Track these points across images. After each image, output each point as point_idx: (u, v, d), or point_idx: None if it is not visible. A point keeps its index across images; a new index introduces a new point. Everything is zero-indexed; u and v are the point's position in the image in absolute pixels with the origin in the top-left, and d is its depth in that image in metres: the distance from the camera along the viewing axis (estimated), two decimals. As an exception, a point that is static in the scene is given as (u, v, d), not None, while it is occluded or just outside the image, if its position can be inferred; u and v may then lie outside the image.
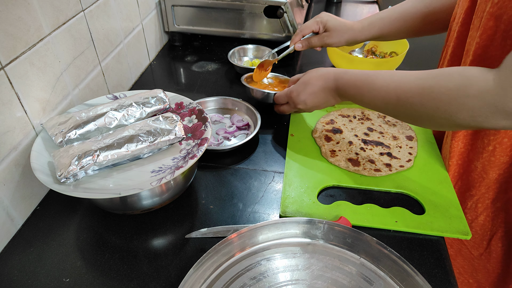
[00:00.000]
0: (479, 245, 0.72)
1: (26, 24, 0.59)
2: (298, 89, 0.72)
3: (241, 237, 0.55)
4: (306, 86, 0.71)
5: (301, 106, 0.73)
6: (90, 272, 0.56)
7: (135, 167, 0.59)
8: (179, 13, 1.11)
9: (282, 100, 0.77)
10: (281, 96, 0.77)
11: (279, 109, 0.81)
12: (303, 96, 0.72)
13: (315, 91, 0.71)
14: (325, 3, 1.53)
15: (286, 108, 0.78)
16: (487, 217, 0.70)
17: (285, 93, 0.76)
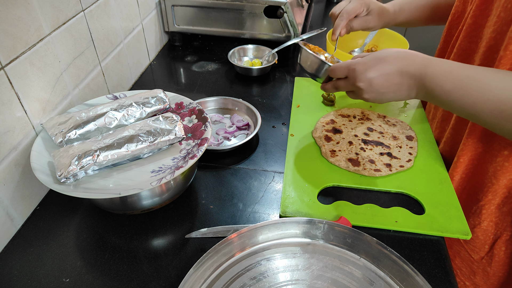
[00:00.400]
0: (480, 249, 0.71)
1: (26, 24, 0.59)
2: (367, 64, 0.57)
3: (241, 237, 0.55)
4: (380, 62, 0.56)
5: (363, 85, 0.58)
6: (90, 272, 0.56)
7: (135, 167, 0.59)
8: (179, 13, 1.11)
9: (339, 73, 0.61)
10: (341, 68, 0.61)
11: (332, 85, 0.65)
12: (372, 73, 0.56)
13: (389, 72, 0.56)
14: (325, 3, 1.52)
15: (341, 84, 0.62)
16: (491, 222, 0.68)
17: (346, 64, 0.60)
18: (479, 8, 0.63)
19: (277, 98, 0.95)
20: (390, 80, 0.56)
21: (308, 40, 1.22)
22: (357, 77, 0.58)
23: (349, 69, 0.59)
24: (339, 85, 0.63)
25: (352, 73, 0.59)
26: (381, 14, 0.81)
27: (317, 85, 0.97)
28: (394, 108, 0.89)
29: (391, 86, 0.57)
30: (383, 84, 0.56)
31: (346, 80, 0.61)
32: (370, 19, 0.81)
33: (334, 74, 0.62)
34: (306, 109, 0.88)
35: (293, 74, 1.05)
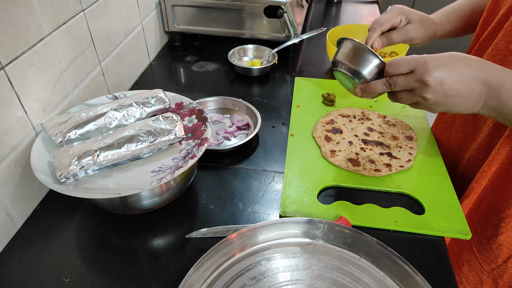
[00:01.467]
0: (492, 261, 0.69)
1: (26, 24, 0.59)
2: (440, 59, 0.50)
3: (241, 237, 0.55)
4: (455, 62, 0.50)
5: (432, 82, 0.50)
6: (90, 272, 0.56)
7: (135, 167, 0.59)
8: (179, 13, 1.11)
9: (404, 67, 0.52)
10: (407, 60, 0.53)
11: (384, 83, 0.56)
12: (445, 72, 0.49)
13: (464, 74, 0.50)
14: (325, 3, 1.53)
15: (401, 80, 0.54)
16: (508, 238, 0.66)
17: (414, 57, 0.53)
18: None
19: (277, 98, 0.95)
20: (463, 83, 0.50)
21: (308, 40, 1.22)
22: (428, 71, 0.50)
23: (418, 61, 0.52)
24: (398, 82, 0.54)
25: (422, 66, 0.51)
26: (424, 23, 0.73)
27: (317, 85, 0.97)
28: (394, 108, 0.89)
29: (462, 91, 0.50)
30: (454, 86, 0.50)
31: (410, 76, 0.52)
32: (411, 29, 0.72)
33: (397, 67, 0.53)
34: (306, 109, 0.88)
35: (293, 74, 1.05)
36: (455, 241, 0.77)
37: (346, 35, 1.09)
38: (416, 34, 0.72)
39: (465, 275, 0.74)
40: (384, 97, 0.93)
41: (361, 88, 0.60)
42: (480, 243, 0.71)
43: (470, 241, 0.73)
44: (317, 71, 1.06)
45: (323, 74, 1.05)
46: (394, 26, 0.73)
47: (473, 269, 0.73)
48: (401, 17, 0.73)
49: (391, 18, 0.72)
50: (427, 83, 0.51)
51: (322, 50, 1.16)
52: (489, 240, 0.69)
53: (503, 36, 0.62)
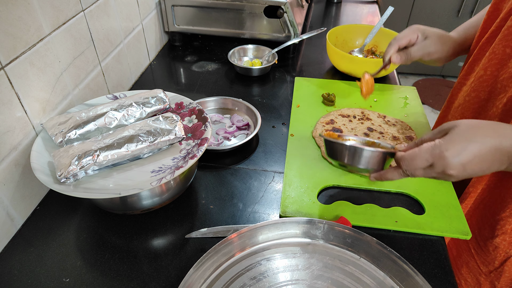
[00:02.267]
0: (489, 263, 0.70)
1: (26, 24, 0.59)
2: (456, 147, 0.49)
3: (241, 237, 0.55)
4: (470, 143, 0.48)
5: (455, 173, 0.49)
6: (90, 272, 0.56)
7: (135, 167, 0.59)
8: (179, 13, 1.11)
9: (421, 163, 0.51)
10: (421, 157, 0.51)
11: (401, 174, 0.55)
12: (464, 158, 0.48)
13: (483, 153, 0.48)
14: (325, 3, 1.53)
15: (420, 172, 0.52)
16: (504, 241, 0.66)
17: (429, 152, 0.50)
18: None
19: (277, 98, 0.95)
20: (484, 161, 0.49)
21: (308, 40, 1.22)
22: (448, 164, 0.49)
23: (435, 156, 0.50)
24: (416, 174, 0.53)
25: (440, 161, 0.49)
26: (441, 38, 0.74)
27: (317, 85, 0.97)
28: (394, 108, 0.89)
29: (484, 167, 0.50)
30: (477, 166, 0.49)
31: (429, 169, 0.51)
32: (428, 43, 0.73)
33: (413, 166, 0.52)
34: (306, 109, 0.88)
35: (293, 74, 1.05)
36: (454, 243, 0.77)
37: (346, 35, 1.09)
38: (434, 48, 0.73)
39: (464, 277, 0.74)
40: (384, 97, 0.93)
41: (375, 177, 0.59)
42: (478, 245, 0.71)
43: (469, 243, 0.73)
44: (317, 71, 1.06)
45: (323, 74, 1.05)
46: (412, 42, 0.75)
47: (471, 271, 0.73)
48: (418, 34, 0.74)
49: (408, 34, 0.74)
50: (451, 174, 0.50)
51: (322, 50, 1.16)
52: (486, 242, 0.69)
53: (500, 40, 0.62)
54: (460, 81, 0.75)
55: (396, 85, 0.98)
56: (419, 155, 0.51)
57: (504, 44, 0.62)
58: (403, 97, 0.93)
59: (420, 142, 0.54)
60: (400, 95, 0.94)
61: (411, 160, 0.52)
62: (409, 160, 0.52)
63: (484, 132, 0.50)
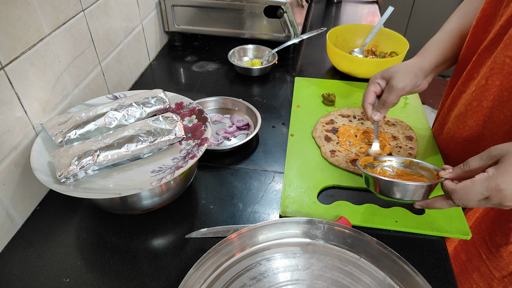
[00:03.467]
0: (503, 269, 0.69)
1: (26, 24, 0.59)
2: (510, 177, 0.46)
3: (241, 237, 0.55)
4: None
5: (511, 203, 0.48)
6: (90, 272, 0.56)
7: (135, 167, 0.59)
8: (179, 13, 1.11)
9: (474, 197, 0.49)
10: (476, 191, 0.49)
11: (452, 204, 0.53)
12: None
13: None
14: (325, 3, 1.53)
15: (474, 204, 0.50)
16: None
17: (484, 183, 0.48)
18: None
19: (277, 98, 0.95)
20: None
21: (308, 40, 1.22)
22: (505, 197, 0.47)
23: (491, 190, 0.48)
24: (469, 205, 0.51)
25: (498, 194, 0.47)
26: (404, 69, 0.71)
27: (317, 85, 0.97)
28: (394, 108, 0.89)
29: None
30: None
31: (484, 201, 0.49)
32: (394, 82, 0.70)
33: (467, 200, 0.50)
34: (306, 109, 0.88)
35: (293, 74, 1.05)
36: (462, 248, 0.77)
37: (346, 35, 1.09)
38: (403, 83, 0.69)
39: (475, 282, 0.74)
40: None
41: (421, 205, 0.57)
42: (490, 252, 0.70)
43: (479, 248, 0.73)
44: (317, 71, 1.06)
45: (323, 74, 1.05)
46: (377, 93, 0.72)
47: (483, 276, 0.72)
48: (378, 81, 0.71)
49: (371, 88, 0.71)
50: (509, 205, 0.49)
51: (322, 50, 1.16)
52: (499, 249, 0.68)
53: (502, 49, 0.62)
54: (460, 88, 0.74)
55: (396, 85, 0.98)
56: (474, 189, 0.49)
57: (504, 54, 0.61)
58: (403, 97, 0.93)
59: (468, 169, 0.52)
60: (400, 95, 0.93)
61: (465, 194, 0.49)
62: (462, 194, 0.50)
63: None
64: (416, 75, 0.70)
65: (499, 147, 0.50)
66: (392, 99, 0.69)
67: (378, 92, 0.72)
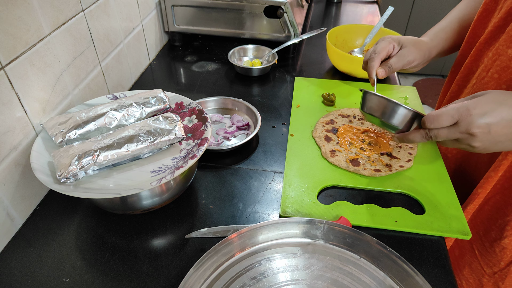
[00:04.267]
0: (494, 264, 0.69)
1: (26, 24, 0.59)
2: (484, 107, 0.49)
3: (241, 237, 0.55)
4: (499, 106, 0.48)
5: (479, 132, 0.49)
6: (90, 272, 0.56)
7: (135, 167, 0.59)
8: (179, 13, 1.11)
9: (446, 121, 0.51)
10: (448, 114, 0.50)
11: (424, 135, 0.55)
12: (492, 118, 0.48)
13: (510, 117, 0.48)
14: (325, 3, 1.53)
15: (443, 132, 0.52)
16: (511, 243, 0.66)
17: (456, 109, 0.50)
18: None
19: (277, 98, 0.95)
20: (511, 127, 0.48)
21: (308, 40, 1.22)
22: (473, 121, 0.48)
23: (462, 113, 0.49)
24: (439, 134, 0.53)
25: (466, 118, 0.49)
26: (417, 45, 0.73)
27: (317, 85, 0.97)
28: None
29: (509, 132, 0.49)
30: (503, 131, 0.48)
31: (453, 128, 0.51)
32: (406, 52, 0.72)
33: (438, 122, 0.51)
34: (306, 109, 0.88)
35: (293, 74, 1.05)
36: (456, 243, 0.77)
37: (346, 35, 1.09)
38: (413, 56, 0.72)
39: (465, 278, 0.74)
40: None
41: (398, 137, 0.60)
42: (483, 246, 0.70)
43: (472, 243, 0.73)
44: (317, 71, 1.06)
45: (323, 74, 1.05)
46: (389, 53, 0.74)
47: (474, 271, 0.72)
48: (394, 44, 0.73)
49: (385, 46, 0.73)
50: (474, 134, 0.49)
51: (322, 50, 1.16)
52: (493, 243, 0.69)
53: (504, 40, 0.62)
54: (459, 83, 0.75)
55: (396, 85, 0.98)
56: (445, 112, 0.50)
57: (508, 45, 0.61)
58: (403, 97, 0.93)
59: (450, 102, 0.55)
60: (400, 95, 0.94)
61: (437, 116, 0.51)
62: (434, 117, 0.51)
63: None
64: (424, 56, 0.74)
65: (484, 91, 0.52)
66: (398, 67, 0.72)
67: (390, 52, 0.74)
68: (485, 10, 0.69)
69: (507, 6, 0.62)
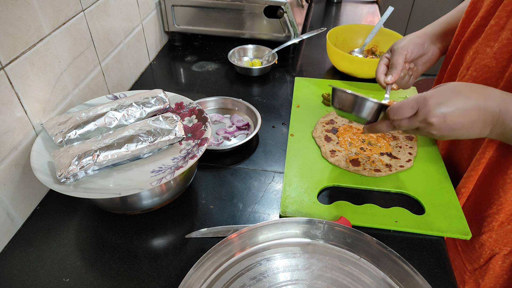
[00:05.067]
0: (475, 261, 0.70)
1: (26, 24, 0.59)
2: (441, 97, 0.50)
3: (241, 237, 0.55)
4: (455, 96, 0.50)
5: (435, 121, 0.51)
6: (90, 272, 0.56)
7: (135, 167, 0.59)
8: (179, 13, 1.11)
9: (407, 112, 0.53)
10: (408, 105, 0.53)
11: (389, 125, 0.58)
12: (447, 108, 0.50)
13: (466, 107, 0.50)
14: (325, 3, 1.53)
15: (405, 122, 0.55)
16: (490, 238, 0.67)
17: (415, 100, 0.53)
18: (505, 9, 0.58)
19: (277, 98, 0.95)
20: (466, 116, 0.50)
21: (308, 40, 1.22)
22: (430, 111, 0.51)
23: (420, 102, 0.52)
24: (402, 125, 0.56)
25: (423, 107, 0.51)
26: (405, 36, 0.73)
27: (317, 85, 0.97)
28: (394, 108, 0.89)
29: (466, 123, 0.51)
30: (458, 120, 0.50)
31: (413, 118, 0.53)
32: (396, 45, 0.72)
33: (400, 114, 0.54)
34: (306, 109, 0.88)
35: (293, 74, 1.05)
36: None
37: (346, 35, 1.09)
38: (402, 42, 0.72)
39: None
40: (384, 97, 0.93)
41: (367, 128, 0.63)
42: (464, 242, 0.71)
43: (456, 240, 0.73)
44: (317, 71, 1.06)
45: (323, 74, 1.05)
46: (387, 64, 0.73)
47: (456, 268, 0.73)
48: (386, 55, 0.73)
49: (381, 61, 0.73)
50: (431, 123, 0.52)
51: (322, 50, 1.16)
52: (473, 240, 0.69)
53: (483, 39, 0.63)
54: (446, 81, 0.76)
55: (396, 85, 0.98)
56: (406, 103, 0.53)
57: (486, 44, 0.62)
58: (403, 97, 0.93)
59: None
60: (400, 95, 0.94)
61: (398, 108, 0.54)
62: (396, 109, 0.54)
63: (472, 89, 0.51)
64: (418, 37, 0.73)
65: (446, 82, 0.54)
66: (397, 59, 0.71)
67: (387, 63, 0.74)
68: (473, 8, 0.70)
69: (487, 6, 0.63)
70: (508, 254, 0.67)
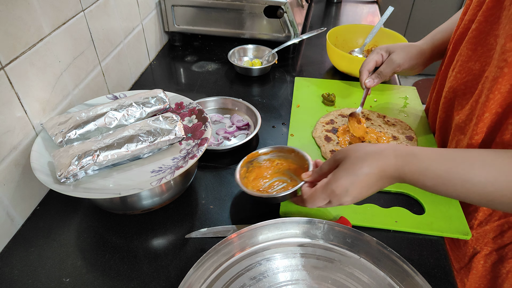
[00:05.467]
0: (461, 259, 0.71)
1: (26, 24, 0.59)
2: (343, 185, 0.52)
3: (241, 237, 0.55)
4: (354, 177, 0.52)
5: (349, 202, 0.54)
6: (91, 272, 0.56)
7: (135, 167, 0.59)
8: (179, 13, 1.11)
9: (320, 202, 0.55)
10: (318, 196, 0.55)
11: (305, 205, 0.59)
12: (352, 192, 0.52)
13: (368, 183, 0.52)
14: (325, 3, 1.53)
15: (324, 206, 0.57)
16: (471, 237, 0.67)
17: (323, 190, 0.54)
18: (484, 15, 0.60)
19: (277, 98, 0.95)
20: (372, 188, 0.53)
21: (308, 40, 1.22)
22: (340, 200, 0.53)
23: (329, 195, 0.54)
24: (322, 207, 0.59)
25: (334, 198, 0.53)
26: (406, 49, 0.77)
27: (317, 85, 0.97)
28: (394, 108, 0.89)
29: (374, 190, 0.54)
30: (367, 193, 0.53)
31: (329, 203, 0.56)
32: (394, 57, 0.76)
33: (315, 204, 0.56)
34: (306, 109, 0.88)
35: (293, 74, 1.05)
36: None
37: (346, 35, 1.09)
38: (401, 59, 0.76)
39: None
40: (384, 97, 0.93)
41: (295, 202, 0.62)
42: (452, 241, 0.72)
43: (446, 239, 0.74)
44: (317, 71, 1.06)
45: (323, 74, 1.05)
46: (379, 63, 0.79)
47: None
48: (382, 53, 0.78)
49: (373, 57, 0.79)
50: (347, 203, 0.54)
51: (322, 50, 1.16)
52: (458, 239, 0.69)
53: (466, 42, 0.65)
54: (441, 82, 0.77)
55: (396, 85, 0.99)
56: (317, 196, 0.55)
57: (468, 47, 0.64)
58: (403, 97, 0.93)
59: (321, 172, 0.58)
60: (400, 95, 0.94)
61: (312, 201, 0.56)
62: (310, 202, 0.56)
63: (366, 162, 0.52)
64: (416, 58, 0.77)
65: (342, 150, 0.55)
66: (388, 72, 0.77)
67: (379, 62, 0.79)
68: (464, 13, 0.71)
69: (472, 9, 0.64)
70: (489, 254, 0.67)
